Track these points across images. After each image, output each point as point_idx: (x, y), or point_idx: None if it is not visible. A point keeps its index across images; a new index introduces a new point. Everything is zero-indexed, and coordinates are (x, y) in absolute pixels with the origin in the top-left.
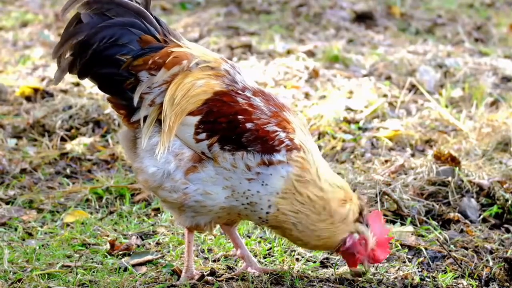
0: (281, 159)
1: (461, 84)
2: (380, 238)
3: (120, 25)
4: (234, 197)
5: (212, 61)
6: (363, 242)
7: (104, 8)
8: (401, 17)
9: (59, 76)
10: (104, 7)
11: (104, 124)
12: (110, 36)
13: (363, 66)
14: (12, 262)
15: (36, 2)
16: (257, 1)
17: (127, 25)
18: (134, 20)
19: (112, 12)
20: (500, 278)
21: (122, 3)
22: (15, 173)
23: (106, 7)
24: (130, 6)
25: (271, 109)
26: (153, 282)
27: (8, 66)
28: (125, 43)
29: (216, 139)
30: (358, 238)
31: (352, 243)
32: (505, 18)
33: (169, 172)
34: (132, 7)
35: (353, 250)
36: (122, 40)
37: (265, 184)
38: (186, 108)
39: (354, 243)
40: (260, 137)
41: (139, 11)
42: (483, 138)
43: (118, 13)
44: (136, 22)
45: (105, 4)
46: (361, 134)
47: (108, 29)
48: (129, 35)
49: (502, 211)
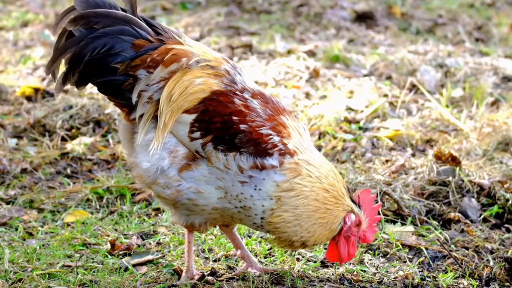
0: (273, 163)
1: (461, 84)
2: (371, 219)
3: (110, 34)
4: (227, 199)
5: (212, 60)
6: (358, 223)
7: (92, 22)
8: (401, 17)
9: (59, 88)
10: (92, 21)
11: (104, 124)
12: (102, 46)
13: (363, 66)
14: (13, 262)
15: (36, 2)
16: (258, 1)
17: (117, 32)
18: (123, 27)
19: (100, 25)
20: (501, 278)
21: (110, 14)
22: (15, 173)
23: (94, 21)
24: (117, 16)
25: (267, 112)
26: (154, 282)
27: (9, 66)
28: (118, 51)
29: (210, 138)
30: (355, 219)
31: (351, 224)
32: (505, 18)
33: (163, 169)
34: (119, 16)
35: (349, 232)
36: (115, 49)
37: (258, 188)
38: (183, 106)
39: (351, 225)
40: (253, 139)
41: (126, 19)
42: (484, 138)
43: (106, 24)
44: (125, 28)
45: (92, 18)
46: (362, 134)
47: (98, 39)
48: (121, 43)
49: (502, 211)
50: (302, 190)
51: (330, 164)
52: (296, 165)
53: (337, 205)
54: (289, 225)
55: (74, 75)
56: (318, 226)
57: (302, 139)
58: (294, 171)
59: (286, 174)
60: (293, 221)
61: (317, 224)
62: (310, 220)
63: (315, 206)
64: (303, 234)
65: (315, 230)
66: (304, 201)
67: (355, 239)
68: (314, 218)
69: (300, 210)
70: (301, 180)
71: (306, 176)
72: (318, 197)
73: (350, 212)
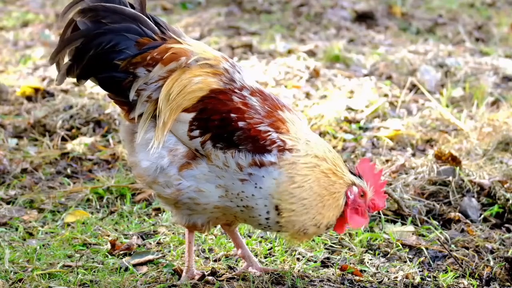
0: (272, 160)
1: (462, 83)
2: (376, 186)
3: (116, 31)
4: (228, 198)
5: (211, 58)
6: (362, 193)
7: (99, 16)
8: (402, 16)
9: (60, 79)
10: (100, 15)
11: (104, 124)
12: (107, 43)
13: (364, 66)
14: (13, 262)
15: (37, 2)
16: (258, 1)
17: (123, 30)
18: (129, 25)
19: (108, 19)
20: (501, 277)
21: (118, 10)
22: (16, 173)
23: (102, 15)
24: (125, 12)
25: (265, 109)
26: (154, 282)
27: (9, 66)
28: (122, 49)
29: (208, 136)
30: (357, 191)
31: (354, 196)
32: (506, 17)
33: (163, 167)
34: (128, 13)
35: (355, 204)
36: (119, 46)
37: (258, 186)
38: (182, 104)
39: (355, 197)
40: (251, 136)
41: (135, 16)
42: (484, 137)
43: (114, 20)
44: (132, 27)
45: (100, 12)
46: (362, 134)
47: (104, 35)
48: (126, 41)
49: (503, 210)
50: (303, 181)
51: (326, 143)
52: (294, 160)
53: (338, 183)
54: (298, 218)
55: (77, 68)
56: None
57: (297, 129)
58: (293, 166)
59: (286, 170)
60: (301, 212)
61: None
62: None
63: (319, 194)
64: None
65: (324, 213)
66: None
67: (364, 209)
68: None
69: (307, 200)
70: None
71: (305, 168)
72: (320, 182)
73: (351, 185)
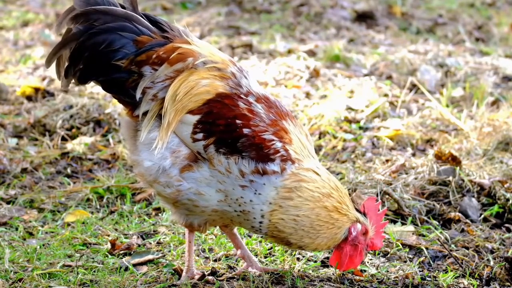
0: (275, 169)
1: (462, 83)
2: (377, 226)
3: (109, 30)
4: (227, 202)
5: (219, 62)
6: (364, 231)
7: (91, 19)
8: (402, 16)
9: (63, 83)
10: (92, 18)
11: (105, 124)
12: (102, 42)
13: (364, 66)
14: (13, 261)
15: (37, 1)
16: (258, 1)
17: (118, 29)
18: (124, 23)
19: (100, 21)
20: (501, 277)
21: (108, 11)
22: (16, 173)
23: (94, 18)
24: (117, 13)
25: (270, 117)
26: (154, 281)
27: (9, 66)
28: (118, 48)
29: (212, 140)
30: (361, 228)
31: (357, 233)
32: (506, 17)
33: (165, 168)
34: (119, 13)
35: (356, 241)
36: (115, 45)
37: (258, 193)
38: (187, 106)
39: (357, 234)
40: (255, 144)
41: (127, 16)
42: (484, 137)
43: (107, 21)
44: (126, 25)
45: (92, 15)
46: (362, 134)
47: (98, 35)
48: (121, 39)
49: (503, 210)
50: (303, 198)
51: (331, 174)
52: (298, 172)
53: (342, 215)
54: (288, 230)
55: (75, 70)
56: (320, 235)
57: (303, 146)
58: (296, 178)
59: (287, 180)
60: (292, 225)
61: (320, 232)
62: (312, 228)
63: (316, 214)
64: (302, 239)
65: (316, 238)
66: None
67: (363, 247)
68: (316, 226)
69: (301, 218)
70: (303, 188)
71: (308, 184)
72: (320, 204)
73: (355, 222)
